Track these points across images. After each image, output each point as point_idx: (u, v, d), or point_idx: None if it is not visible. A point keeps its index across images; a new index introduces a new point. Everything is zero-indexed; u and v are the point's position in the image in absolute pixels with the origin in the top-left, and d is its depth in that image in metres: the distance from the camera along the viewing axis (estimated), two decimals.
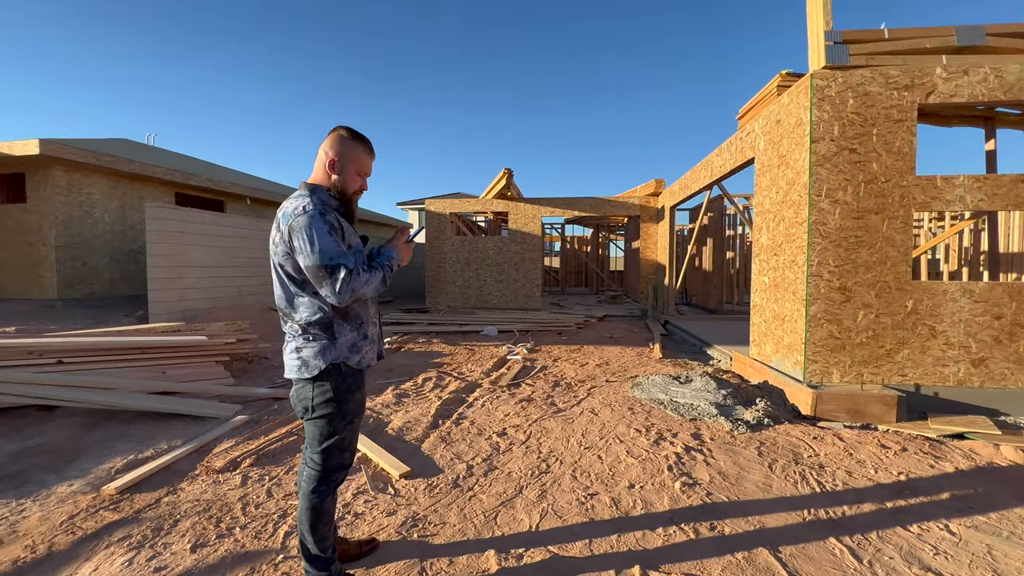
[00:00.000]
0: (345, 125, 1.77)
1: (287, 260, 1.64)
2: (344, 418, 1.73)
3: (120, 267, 10.49)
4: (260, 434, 3.43)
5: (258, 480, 2.74)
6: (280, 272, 1.68)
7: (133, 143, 13.79)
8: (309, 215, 1.58)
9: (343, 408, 1.72)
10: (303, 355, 1.68)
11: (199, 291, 8.27)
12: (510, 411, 3.92)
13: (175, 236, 7.80)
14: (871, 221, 4.03)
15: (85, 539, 2.20)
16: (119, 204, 10.41)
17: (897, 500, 2.44)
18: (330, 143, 1.73)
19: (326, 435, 1.72)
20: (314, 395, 1.69)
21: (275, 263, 1.68)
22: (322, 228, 1.57)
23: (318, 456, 1.74)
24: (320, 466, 1.74)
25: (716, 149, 6.80)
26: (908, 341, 4.04)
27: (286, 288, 1.68)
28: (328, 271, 1.56)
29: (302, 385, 1.71)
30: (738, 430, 3.36)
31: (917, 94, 3.95)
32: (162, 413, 3.77)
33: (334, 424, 1.72)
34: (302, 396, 1.72)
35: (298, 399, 1.73)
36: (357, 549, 2.05)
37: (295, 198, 1.67)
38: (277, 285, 1.71)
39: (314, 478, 1.74)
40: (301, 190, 1.72)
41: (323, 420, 1.71)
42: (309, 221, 1.57)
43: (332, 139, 1.74)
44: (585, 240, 21.29)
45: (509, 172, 10.36)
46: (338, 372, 1.70)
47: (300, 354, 1.69)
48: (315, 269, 1.57)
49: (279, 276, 1.69)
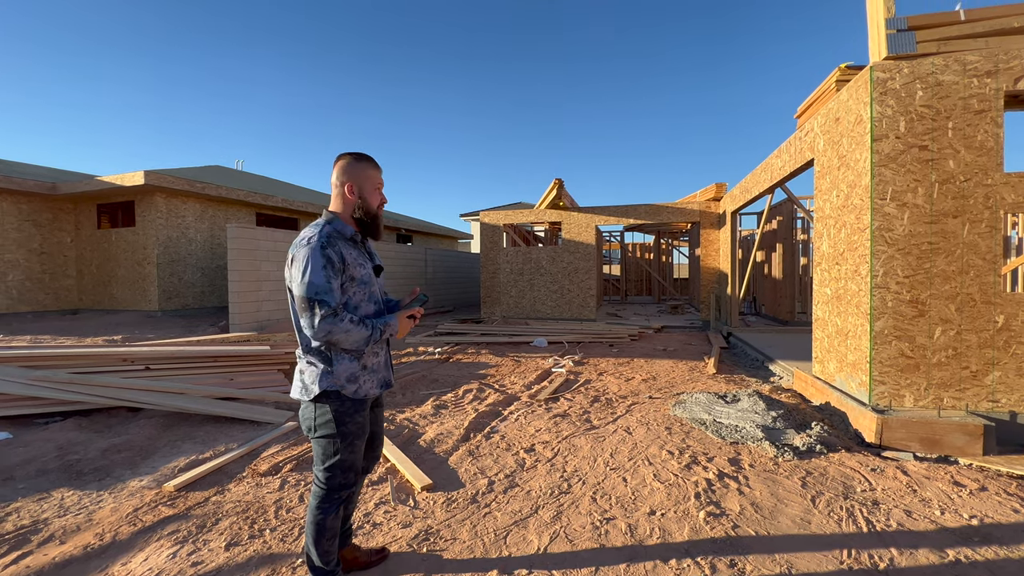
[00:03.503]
0: (346, 151, 1.86)
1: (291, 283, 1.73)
2: (344, 439, 1.79)
3: (209, 281, 11.69)
4: (304, 441, 3.66)
5: (294, 485, 2.93)
6: (290, 295, 1.76)
7: (223, 169, 15.38)
8: (311, 247, 1.67)
9: (342, 430, 1.78)
10: (304, 379, 1.77)
11: (272, 303, 9.01)
12: (542, 426, 3.89)
13: (251, 253, 8.58)
14: (948, 226, 3.58)
15: (143, 531, 2.47)
16: (208, 225, 11.64)
17: (963, 548, 2.13)
18: (342, 171, 1.83)
19: (329, 454, 1.80)
20: (316, 416, 1.78)
21: (287, 288, 1.77)
22: (318, 262, 1.65)
23: (322, 474, 1.82)
24: (324, 484, 1.82)
25: (776, 150, 6.36)
26: (1000, 362, 3.52)
27: (294, 313, 1.76)
28: (310, 304, 1.63)
29: (305, 406, 1.81)
30: (783, 457, 3.09)
31: (1003, 80, 3.47)
32: (225, 417, 4.15)
33: (335, 444, 1.78)
34: (305, 416, 1.81)
35: (303, 418, 1.83)
36: (367, 558, 2.14)
37: (310, 227, 1.78)
38: (291, 308, 1.78)
39: (318, 495, 1.83)
40: (321, 219, 1.82)
41: (325, 440, 1.78)
42: (308, 253, 1.66)
43: (342, 167, 1.83)
44: (647, 247, 20.68)
45: (560, 182, 10.33)
46: (337, 396, 1.76)
47: (302, 377, 1.78)
48: (301, 299, 1.65)
49: (291, 301, 1.77)
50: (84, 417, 4.05)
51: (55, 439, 3.61)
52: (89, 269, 11.50)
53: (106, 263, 11.24)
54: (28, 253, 10.74)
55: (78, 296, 11.68)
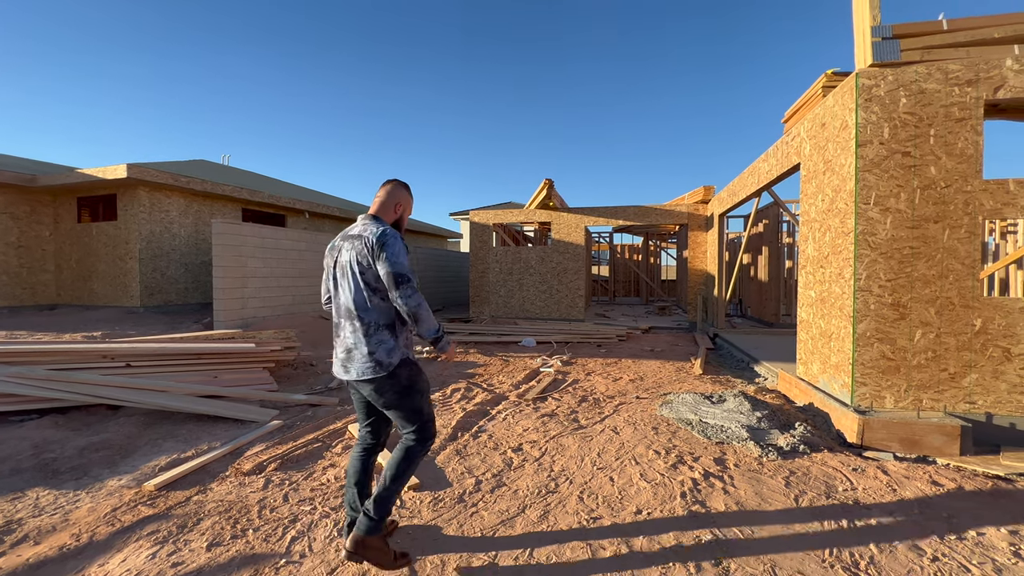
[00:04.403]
0: (396, 179, 2.26)
1: (368, 271, 2.01)
2: (423, 395, 2.13)
3: (193, 277, 11.49)
4: (289, 439, 3.62)
5: (278, 484, 2.89)
6: (359, 280, 2.02)
7: (209, 163, 15.12)
8: (396, 236, 2.04)
9: (420, 387, 2.11)
10: (377, 357, 2.00)
11: (258, 300, 8.88)
12: (530, 426, 3.89)
13: (237, 249, 8.45)
14: (929, 231, 3.66)
15: (122, 531, 2.42)
16: (193, 220, 11.43)
17: (940, 546, 2.17)
18: (394, 192, 2.22)
19: (418, 411, 2.10)
20: (395, 387, 2.03)
21: (354, 272, 2.03)
22: (402, 248, 2.02)
23: (415, 433, 2.09)
24: (421, 438, 2.10)
25: (763, 154, 6.45)
26: (977, 364, 3.61)
27: (360, 294, 2.02)
28: (403, 279, 1.96)
29: (380, 383, 2.02)
30: (767, 456, 3.13)
31: (983, 89, 3.55)
32: (208, 415, 4.08)
33: (418, 404, 2.10)
34: (383, 390, 2.03)
35: (378, 395, 2.04)
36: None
37: (375, 224, 2.08)
38: (352, 291, 2.04)
39: (415, 450, 2.09)
40: (373, 221, 2.11)
41: (412, 403, 2.07)
42: (395, 241, 2.01)
43: (395, 190, 2.23)
44: (636, 249, 20.81)
45: (550, 182, 10.35)
46: (409, 362, 2.08)
47: (374, 356, 2.00)
48: (394, 276, 1.96)
49: (357, 284, 2.03)
50: (61, 415, 3.95)
51: (30, 437, 3.52)
52: (68, 263, 11.24)
53: (86, 257, 10.99)
54: (4, 247, 10.46)
55: (56, 291, 11.40)
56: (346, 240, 2.10)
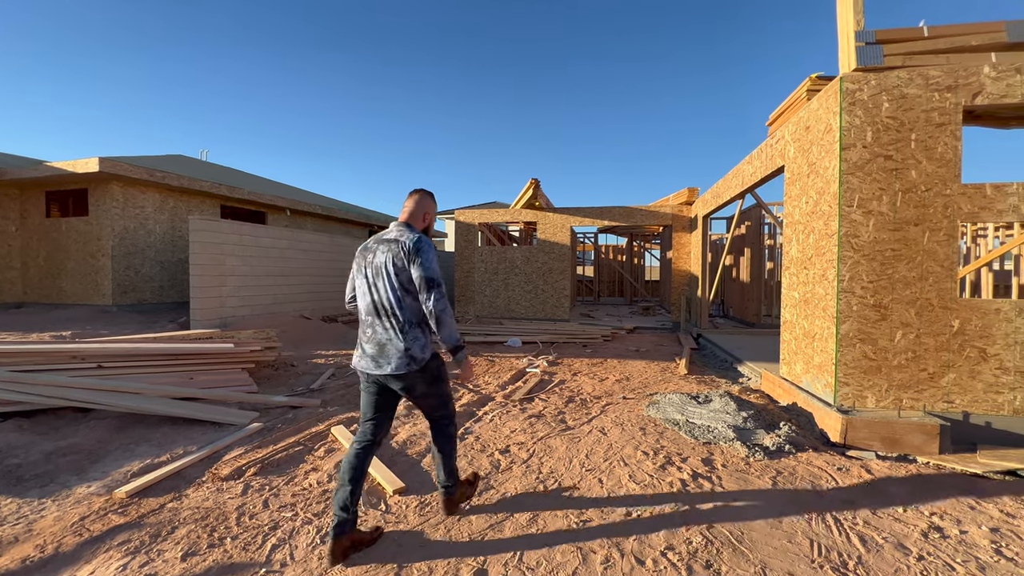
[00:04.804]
0: (424, 188, 2.47)
1: (403, 272, 2.19)
2: (447, 382, 2.43)
3: (169, 275, 11.16)
4: (269, 443, 3.51)
5: (258, 490, 2.79)
6: (395, 281, 2.20)
7: (187, 159, 14.71)
8: (430, 244, 2.25)
9: (445, 376, 2.40)
10: (412, 353, 2.19)
11: (237, 299, 8.67)
12: (517, 427, 3.84)
13: (216, 247, 8.22)
14: (910, 233, 3.73)
15: (90, 541, 2.30)
16: (169, 216, 11.11)
17: (925, 545, 2.20)
18: (423, 202, 2.43)
19: (446, 397, 2.42)
20: (427, 378, 2.27)
21: (389, 273, 2.21)
22: (435, 255, 2.22)
23: (445, 412, 2.45)
24: (450, 417, 2.48)
25: (747, 157, 6.52)
26: (955, 364, 3.68)
27: (396, 294, 2.20)
28: (434, 283, 2.17)
29: (412, 377, 2.22)
30: (754, 456, 3.15)
31: (962, 95, 3.63)
32: (184, 418, 3.94)
33: (446, 390, 2.41)
34: (415, 383, 2.25)
35: (410, 387, 2.25)
36: (370, 536, 2.29)
37: (409, 231, 2.28)
38: (387, 291, 2.21)
39: (450, 425, 2.48)
40: (408, 228, 2.31)
41: (440, 390, 2.37)
42: (429, 248, 2.23)
43: (425, 199, 2.44)
44: (620, 249, 20.94)
45: (536, 182, 10.33)
46: (436, 356, 2.32)
47: (409, 352, 2.19)
48: (426, 280, 2.16)
49: (392, 284, 2.21)
50: (26, 418, 3.77)
51: None
52: (35, 260, 10.80)
53: (55, 254, 10.58)
54: None
55: (23, 289, 10.96)
56: (381, 243, 2.28)
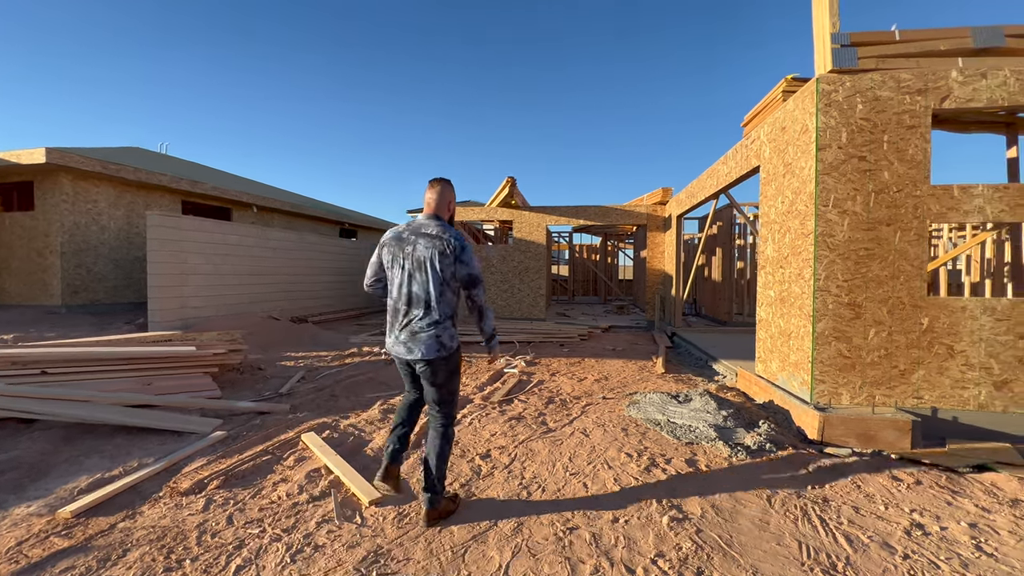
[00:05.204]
0: (445, 178, 2.55)
1: (447, 269, 2.35)
2: (460, 378, 2.53)
3: (125, 274, 10.56)
4: (234, 452, 3.29)
5: (221, 505, 2.60)
6: (438, 276, 2.35)
7: (144, 152, 13.98)
8: (470, 245, 2.42)
9: (459, 370, 2.51)
10: (443, 340, 2.36)
11: (200, 299, 8.25)
12: (497, 430, 3.74)
13: (176, 244, 7.80)
14: (882, 233, 3.80)
15: (27, 569, 2.08)
16: (125, 212, 10.50)
17: (908, 543, 2.21)
18: (447, 192, 2.53)
19: (454, 392, 2.48)
20: (448, 367, 2.42)
21: (433, 267, 2.34)
22: (474, 255, 2.42)
23: (447, 408, 2.47)
24: (452, 417, 2.51)
25: (722, 157, 6.59)
26: (924, 361, 3.78)
27: (438, 287, 2.35)
28: (479, 280, 2.45)
29: (438, 363, 2.37)
30: (736, 456, 3.13)
31: (931, 99, 3.72)
32: (141, 428, 3.67)
33: (457, 384, 2.51)
34: (439, 369, 2.38)
35: (434, 373, 2.38)
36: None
37: (445, 228, 2.42)
38: (428, 283, 2.35)
39: (448, 427, 2.48)
40: (439, 221, 2.45)
41: (456, 382, 2.49)
42: (470, 248, 2.42)
43: (447, 189, 2.53)
44: (594, 248, 21.08)
45: (512, 180, 10.23)
46: (459, 348, 2.47)
47: (440, 340, 2.35)
48: (473, 277, 2.42)
49: (435, 278, 2.35)
50: None
51: None
52: None
53: None
54: None
55: None
56: (420, 236, 2.39)
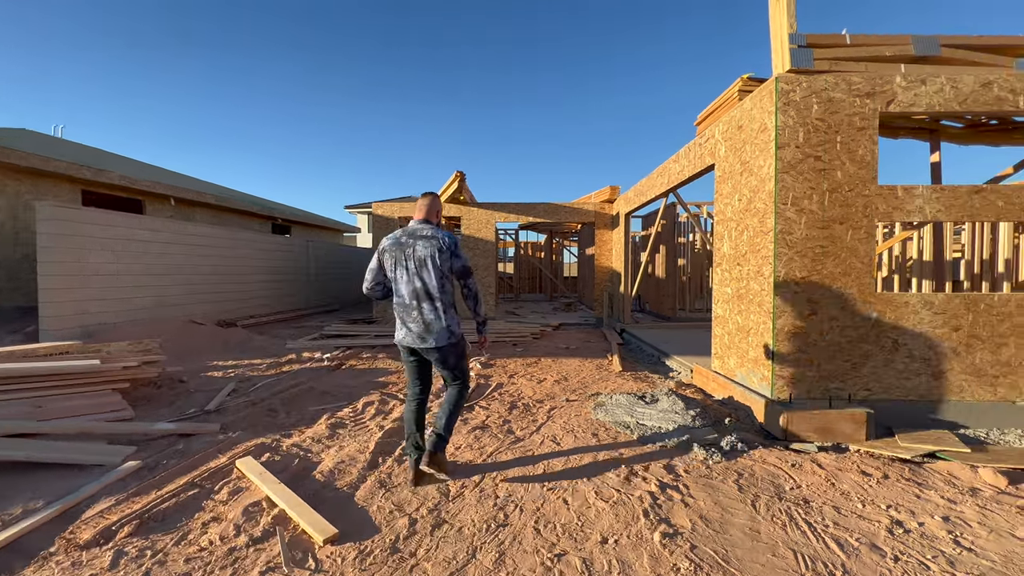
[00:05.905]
0: (436, 192, 2.92)
1: (445, 264, 2.73)
2: (467, 358, 2.92)
3: (8, 275, 9.09)
4: (151, 487, 2.77)
5: (136, 558, 2.13)
6: (439, 271, 2.72)
7: (35, 134, 12.19)
8: (459, 241, 2.81)
9: (467, 352, 2.91)
10: (451, 328, 2.74)
11: (105, 303, 7.24)
12: (462, 443, 3.45)
13: (73, 240, 6.77)
14: (836, 231, 3.91)
15: None
16: (9, 203, 9.03)
17: (894, 543, 2.20)
18: (436, 203, 2.93)
19: (464, 370, 2.89)
20: (457, 351, 2.80)
21: (434, 264, 2.71)
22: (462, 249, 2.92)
23: (461, 380, 2.89)
24: (465, 383, 2.92)
25: (673, 156, 6.66)
26: (872, 354, 3.93)
27: (440, 281, 2.73)
28: (471, 271, 2.82)
29: (448, 348, 2.75)
30: (713, 459, 3.07)
31: (879, 102, 3.87)
32: (24, 462, 3.02)
33: (466, 363, 2.90)
34: (449, 354, 2.77)
35: (445, 358, 2.77)
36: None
37: (436, 229, 2.82)
38: (432, 279, 2.71)
39: (460, 393, 2.89)
40: (431, 225, 2.85)
41: (463, 362, 2.86)
42: (460, 244, 2.77)
43: (436, 201, 2.94)
44: (539, 246, 21.12)
45: (461, 175, 9.89)
46: (463, 334, 2.86)
47: (449, 328, 2.73)
48: (466, 269, 2.80)
49: (437, 273, 2.72)
50: None
51: None
52: None
53: None
54: None
55: None
56: (418, 239, 2.74)
